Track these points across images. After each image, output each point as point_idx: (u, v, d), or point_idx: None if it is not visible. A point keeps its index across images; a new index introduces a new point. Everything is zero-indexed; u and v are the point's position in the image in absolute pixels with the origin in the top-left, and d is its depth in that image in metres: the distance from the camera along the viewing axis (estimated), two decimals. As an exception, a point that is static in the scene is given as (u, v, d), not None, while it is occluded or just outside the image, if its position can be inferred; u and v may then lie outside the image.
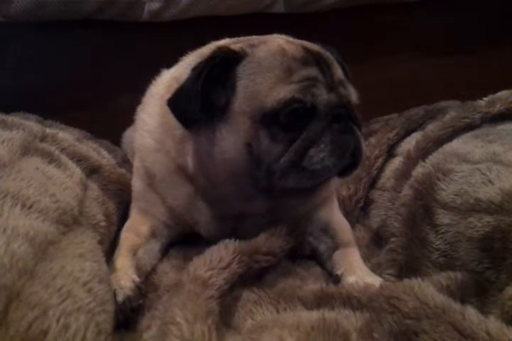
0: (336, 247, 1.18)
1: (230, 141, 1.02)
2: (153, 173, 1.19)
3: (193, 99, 1.00)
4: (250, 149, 1.01)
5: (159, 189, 1.20)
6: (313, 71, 1.02)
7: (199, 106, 1.00)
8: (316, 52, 1.07)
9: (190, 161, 1.10)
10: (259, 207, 1.12)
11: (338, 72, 1.08)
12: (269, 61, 1.03)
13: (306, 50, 1.06)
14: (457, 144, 1.24)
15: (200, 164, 1.09)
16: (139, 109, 1.30)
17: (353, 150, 1.02)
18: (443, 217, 1.04)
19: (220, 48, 1.06)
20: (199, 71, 1.02)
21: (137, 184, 1.27)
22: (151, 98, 1.24)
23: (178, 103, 1.04)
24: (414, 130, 1.54)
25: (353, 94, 1.08)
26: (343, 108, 1.03)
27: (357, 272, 1.09)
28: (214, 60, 1.02)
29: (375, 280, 1.04)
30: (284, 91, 0.98)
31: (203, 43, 1.21)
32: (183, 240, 1.27)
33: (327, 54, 1.09)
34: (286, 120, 0.99)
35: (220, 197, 1.12)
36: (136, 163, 1.28)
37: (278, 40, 1.09)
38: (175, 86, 1.07)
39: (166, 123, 1.13)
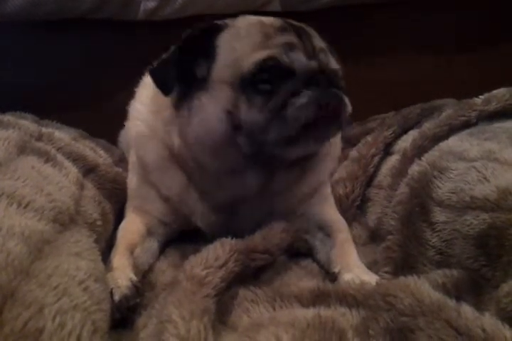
0: (332, 245, 1.18)
1: (210, 109, 1.04)
2: (146, 162, 1.20)
3: (170, 64, 1.04)
4: (230, 116, 1.02)
5: (153, 179, 1.20)
6: (291, 37, 1.04)
7: (175, 71, 1.03)
8: (295, 23, 1.09)
9: (176, 140, 1.11)
10: (251, 184, 1.12)
11: (318, 41, 1.09)
12: (248, 29, 1.06)
13: (285, 21, 1.09)
14: (453, 142, 1.24)
15: (184, 140, 1.09)
16: (132, 100, 1.31)
17: (337, 105, 1.01)
18: (439, 215, 1.04)
19: (203, 22, 1.10)
20: (180, 41, 1.06)
21: (133, 181, 1.28)
22: (143, 88, 1.27)
23: (157, 70, 1.08)
24: (410, 128, 1.54)
25: (333, 61, 1.09)
26: (323, 74, 1.02)
27: (353, 270, 1.09)
28: (193, 31, 1.06)
29: (371, 278, 1.04)
30: (260, 54, 1.00)
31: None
32: (180, 238, 1.28)
33: (308, 28, 1.11)
34: (262, 82, 0.99)
35: (210, 179, 1.12)
36: (132, 157, 1.29)
37: (259, 16, 1.13)
38: None
39: (157, 108, 1.16)
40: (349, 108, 1.04)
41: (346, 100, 1.04)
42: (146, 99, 1.22)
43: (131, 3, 1.75)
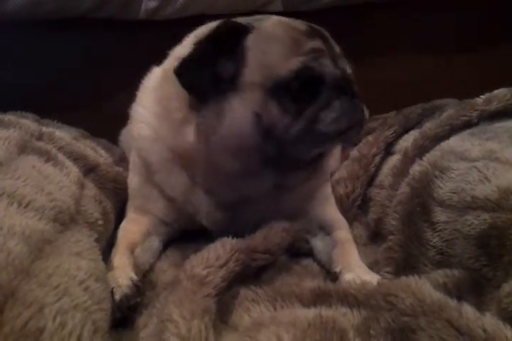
0: (333, 245, 1.18)
1: (238, 111, 1.03)
2: (149, 163, 1.19)
3: (202, 66, 1.02)
4: (259, 120, 1.02)
5: (156, 179, 1.19)
6: (318, 43, 1.05)
7: (208, 74, 1.01)
8: (316, 27, 1.11)
9: (190, 142, 1.09)
10: (262, 185, 1.12)
11: (335, 46, 1.11)
12: (276, 32, 1.06)
13: (306, 23, 1.10)
14: (454, 142, 1.24)
15: (204, 142, 1.07)
16: (134, 104, 1.31)
17: (360, 117, 1.07)
18: (440, 215, 1.04)
19: (226, 21, 1.08)
20: (205, 40, 1.03)
21: (134, 181, 1.28)
22: (145, 92, 1.26)
23: (186, 71, 1.04)
24: (411, 128, 1.54)
25: (348, 66, 1.12)
26: (346, 83, 1.06)
27: (355, 269, 1.09)
28: (220, 31, 1.04)
29: (372, 278, 1.03)
30: (296, 61, 1.01)
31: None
32: (181, 238, 1.28)
33: (323, 29, 1.13)
34: (297, 90, 1.01)
35: (221, 180, 1.11)
36: (133, 158, 1.28)
37: (279, 16, 1.13)
38: (168, 75, 1.08)
39: (163, 111, 1.14)
40: (367, 116, 1.10)
41: (365, 109, 1.08)
42: (148, 103, 1.21)
43: (132, 2, 1.75)
